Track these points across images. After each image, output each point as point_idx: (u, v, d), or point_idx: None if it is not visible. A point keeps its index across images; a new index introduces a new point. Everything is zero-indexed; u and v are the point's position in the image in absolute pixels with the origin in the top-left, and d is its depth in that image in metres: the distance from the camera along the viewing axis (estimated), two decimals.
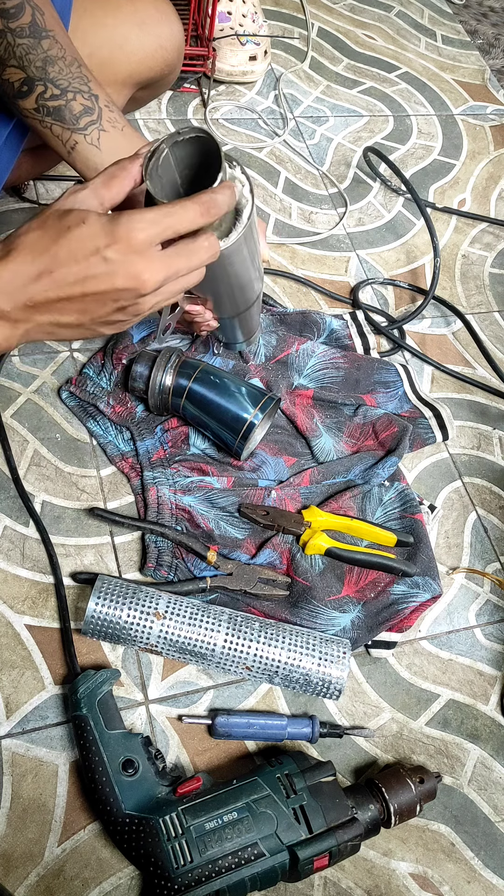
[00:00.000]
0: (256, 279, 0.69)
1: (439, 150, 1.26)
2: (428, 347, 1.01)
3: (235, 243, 0.59)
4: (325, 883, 0.65)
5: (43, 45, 0.65)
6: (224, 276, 0.63)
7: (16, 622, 0.72)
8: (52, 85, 0.66)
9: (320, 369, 0.90)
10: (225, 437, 0.80)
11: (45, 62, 0.65)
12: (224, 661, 0.70)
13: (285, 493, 0.81)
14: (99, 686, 0.66)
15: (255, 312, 0.75)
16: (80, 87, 0.67)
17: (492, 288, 1.10)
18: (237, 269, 0.63)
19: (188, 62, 1.17)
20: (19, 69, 0.65)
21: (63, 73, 0.66)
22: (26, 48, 0.65)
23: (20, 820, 0.64)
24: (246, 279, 0.66)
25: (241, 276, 0.65)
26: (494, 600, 0.83)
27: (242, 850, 0.60)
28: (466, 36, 1.48)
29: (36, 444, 0.83)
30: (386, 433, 0.87)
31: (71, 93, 0.66)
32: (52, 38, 0.65)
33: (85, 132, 0.67)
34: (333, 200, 1.14)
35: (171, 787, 0.63)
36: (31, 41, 0.65)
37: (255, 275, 0.67)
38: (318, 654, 0.70)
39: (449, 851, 0.68)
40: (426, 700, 0.75)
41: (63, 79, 0.66)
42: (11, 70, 0.65)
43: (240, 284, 0.66)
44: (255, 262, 0.66)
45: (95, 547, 0.78)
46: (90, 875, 0.63)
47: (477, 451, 0.93)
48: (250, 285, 0.68)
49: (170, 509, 0.78)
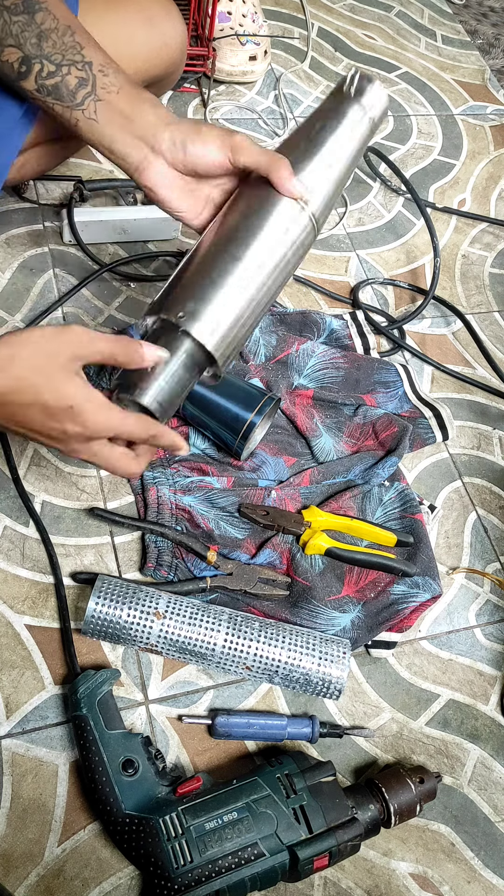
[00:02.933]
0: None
1: (439, 150, 1.26)
2: (428, 347, 1.01)
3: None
4: (325, 883, 0.65)
5: (36, 19, 0.64)
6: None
7: (16, 622, 0.72)
8: (48, 61, 0.65)
9: (320, 369, 0.90)
10: (225, 437, 0.80)
11: (40, 37, 0.64)
12: (224, 660, 0.70)
13: (285, 493, 0.81)
14: (99, 686, 0.66)
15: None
16: (73, 57, 0.65)
17: (492, 288, 1.10)
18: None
19: (188, 62, 1.17)
20: (16, 48, 0.64)
21: (57, 47, 0.65)
22: (21, 25, 0.64)
23: (20, 820, 0.64)
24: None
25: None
26: (494, 600, 0.83)
27: (242, 850, 0.60)
28: (466, 36, 1.48)
29: (36, 444, 0.83)
30: (386, 433, 0.87)
31: (65, 66, 0.65)
32: (45, 10, 0.64)
33: (82, 107, 0.66)
34: None
35: (171, 787, 0.63)
36: (26, 17, 0.64)
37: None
38: (318, 654, 0.70)
39: (449, 851, 0.68)
40: (426, 700, 0.75)
41: (57, 52, 0.65)
42: (9, 50, 0.65)
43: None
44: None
45: (95, 547, 0.78)
46: (90, 875, 0.63)
47: (477, 451, 0.93)
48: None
49: (170, 509, 0.78)
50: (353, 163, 0.66)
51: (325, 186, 0.64)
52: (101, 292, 0.96)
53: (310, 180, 0.63)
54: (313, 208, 0.63)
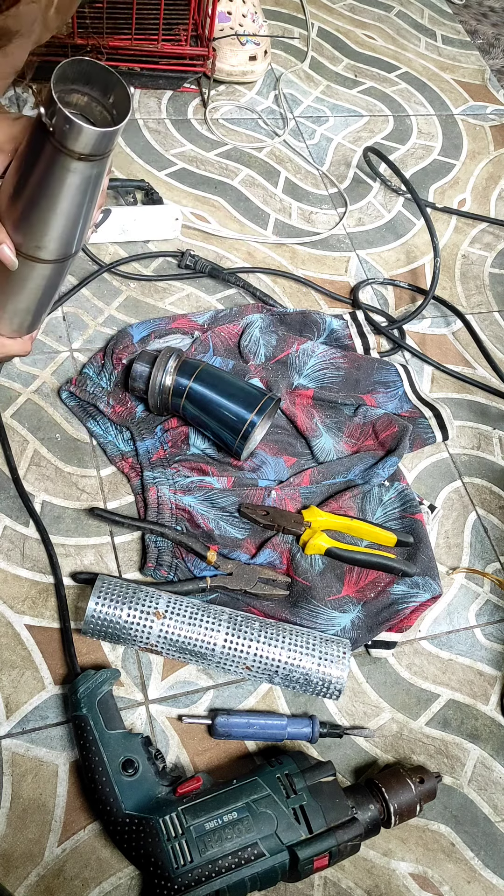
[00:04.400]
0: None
1: (439, 150, 1.26)
2: (428, 347, 1.01)
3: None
4: (325, 883, 0.65)
5: None
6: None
7: (16, 622, 0.72)
8: None
9: (320, 369, 0.90)
10: (225, 437, 0.80)
11: None
12: (224, 660, 0.70)
13: (285, 493, 0.81)
14: (99, 686, 0.66)
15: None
16: None
17: (492, 288, 1.10)
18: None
19: (188, 62, 1.17)
20: None
21: None
22: None
23: (20, 820, 0.64)
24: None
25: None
26: (494, 600, 0.83)
27: (242, 850, 0.60)
28: (466, 36, 1.48)
29: (36, 444, 0.83)
30: (386, 433, 0.87)
31: None
32: None
33: None
34: (333, 200, 1.14)
35: (171, 787, 0.63)
36: None
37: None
38: (318, 654, 0.70)
39: (449, 851, 0.68)
40: (426, 700, 0.75)
41: None
42: None
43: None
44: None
45: (95, 547, 0.78)
46: (90, 875, 0.63)
47: (477, 451, 0.93)
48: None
49: (170, 509, 0.78)
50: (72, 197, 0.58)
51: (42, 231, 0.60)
52: (101, 292, 0.96)
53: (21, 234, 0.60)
54: (42, 255, 0.62)
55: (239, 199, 1.10)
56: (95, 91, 0.55)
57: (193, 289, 0.99)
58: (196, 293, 0.98)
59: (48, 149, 0.54)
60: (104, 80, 0.54)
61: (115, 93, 0.55)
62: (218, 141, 1.16)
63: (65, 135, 0.52)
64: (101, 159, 0.55)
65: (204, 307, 0.97)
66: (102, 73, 0.54)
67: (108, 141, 0.54)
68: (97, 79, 0.54)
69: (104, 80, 0.54)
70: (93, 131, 0.52)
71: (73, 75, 0.53)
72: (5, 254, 0.61)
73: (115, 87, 0.55)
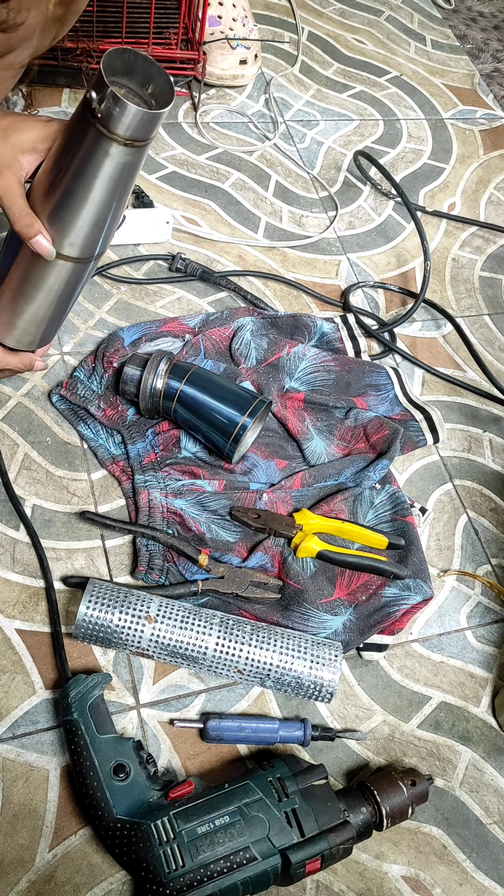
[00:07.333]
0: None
1: (429, 153, 1.26)
2: (418, 350, 1.01)
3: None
4: (317, 886, 0.65)
5: None
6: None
7: (6, 627, 0.72)
8: None
9: (311, 372, 0.90)
10: (216, 440, 0.80)
11: None
12: (216, 664, 0.69)
13: (277, 496, 0.81)
14: (90, 690, 0.66)
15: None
16: None
17: (482, 291, 1.10)
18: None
19: (178, 66, 1.17)
20: None
21: None
22: None
23: (11, 825, 0.64)
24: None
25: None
26: (485, 602, 0.83)
27: (234, 854, 0.60)
28: (456, 41, 1.49)
29: (26, 448, 0.82)
30: (377, 436, 0.87)
31: None
32: None
33: None
34: (324, 204, 1.14)
35: (162, 792, 0.63)
36: None
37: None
38: (310, 657, 0.70)
39: (441, 854, 0.68)
40: (418, 702, 0.75)
41: None
42: None
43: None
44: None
45: (86, 551, 0.78)
46: (81, 880, 0.63)
47: (467, 454, 0.93)
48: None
49: (161, 513, 0.78)
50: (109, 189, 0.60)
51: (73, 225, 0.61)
52: (92, 295, 0.96)
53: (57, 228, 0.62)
54: (70, 252, 0.63)
55: (230, 203, 1.10)
56: (134, 82, 0.58)
57: (184, 292, 0.99)
58: (187, 296, 0.98)
59: (91, 133, 0.56)
60: (145, 70, 0.57)
61: (155, 82, 0.58)
62: (208, 144, 1.16)
63: (112, 116, 0.55)
64: (141, 147, 0.58)
65: (195, 310, 0.97)
66: (144, 64, 0.57)
67: (151, 124, 0.56)
68: (139, 69, 0.57)
69: (145, 71, 0.57)
70: (139, 111, 0.55)
71: (119, 65, 0.56)
72: (41, 244, 0.61)
73: (155, 76, 0.57)
